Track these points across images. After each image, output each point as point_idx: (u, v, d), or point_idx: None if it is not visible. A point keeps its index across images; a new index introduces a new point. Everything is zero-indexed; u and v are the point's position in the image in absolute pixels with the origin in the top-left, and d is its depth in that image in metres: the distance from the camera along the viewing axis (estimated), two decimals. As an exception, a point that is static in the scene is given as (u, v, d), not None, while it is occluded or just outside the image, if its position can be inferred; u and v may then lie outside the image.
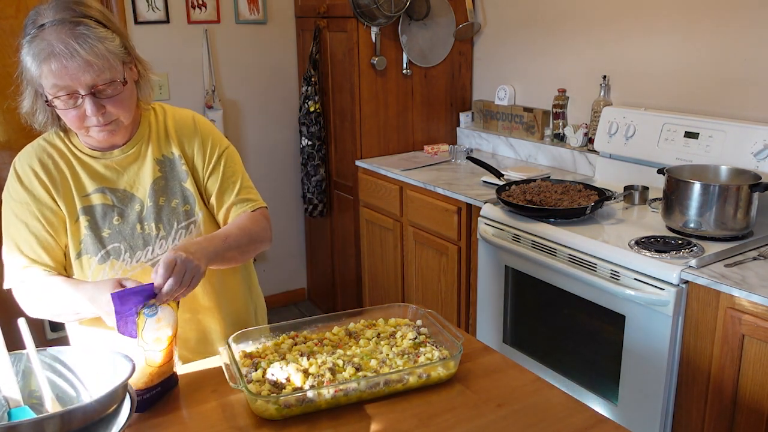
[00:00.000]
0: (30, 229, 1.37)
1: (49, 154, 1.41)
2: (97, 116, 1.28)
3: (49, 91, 1.26)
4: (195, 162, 1.47)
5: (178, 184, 1.45)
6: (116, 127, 1.34)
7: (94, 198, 1.40)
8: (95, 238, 1.40)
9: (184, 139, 1.47)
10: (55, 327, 3.31)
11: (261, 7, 3.43)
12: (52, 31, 1.22)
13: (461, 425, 1.16)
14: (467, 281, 2.68)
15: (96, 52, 1.23)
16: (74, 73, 1.22)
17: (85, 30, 1.23)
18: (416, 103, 3.32)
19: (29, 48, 1.24)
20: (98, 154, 1.41)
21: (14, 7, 2.97)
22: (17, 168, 1.41)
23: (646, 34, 2.58)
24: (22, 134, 3.19)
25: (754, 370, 1.69)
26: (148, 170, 1.43)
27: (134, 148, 1.43)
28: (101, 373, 1.10)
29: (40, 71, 1.24)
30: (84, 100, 1.26)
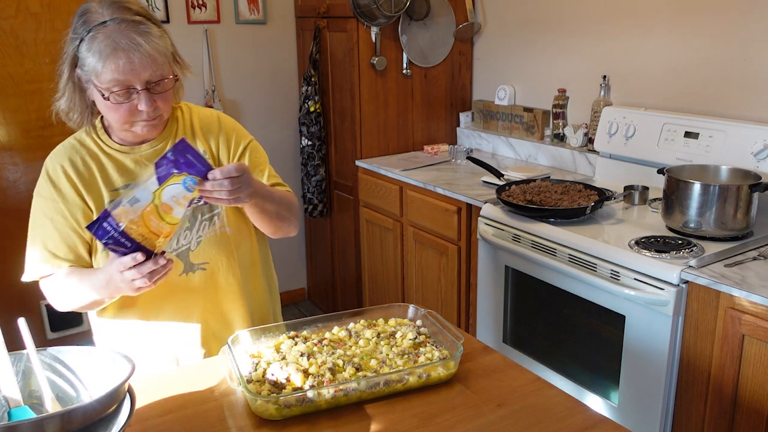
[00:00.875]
0: (55, 225, 1.41)
1: (78, 153, 1.44)
2: (149, 110, 1.33)
3: (105, 86, 1.29)
4: (220, 157, 1.52)
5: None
6: (159, 122, 1.41)
7: (122, 193, 1.44)
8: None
9: (209, 135, 1.52)
10: (55, 327, 3.31)
11: (261, 7, 3.43)
12: (115, 28, 1.28)
13: (461, 425, 1.16)
14: (467, 281, 2.68)
15: (157, 49, 1.30)
16: (136, 68, 1.28)
17: (145, 28, 1.30)
18: (416, 103, 3.32)
19: (91, 44, 1.28)
20: (127, 149, 1.45)
21: (14, 7, 2.97)
22: (48, 167, 1.44)
23: (646, 34, 2.58)
24: (24, 135, 3.21)
25: (754, 370, 1.69)
26: None
27: (162, 143, 1.47)
28: (101, 373, 1.10)
29: (104, 65, 1.27)
30: (139, 94, 1.31)
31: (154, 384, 1.31)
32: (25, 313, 1.29)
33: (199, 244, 1.47)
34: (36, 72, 3.07)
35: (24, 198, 3.16)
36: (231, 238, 1.51)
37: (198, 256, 1.47)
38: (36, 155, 3.15)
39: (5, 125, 3.06)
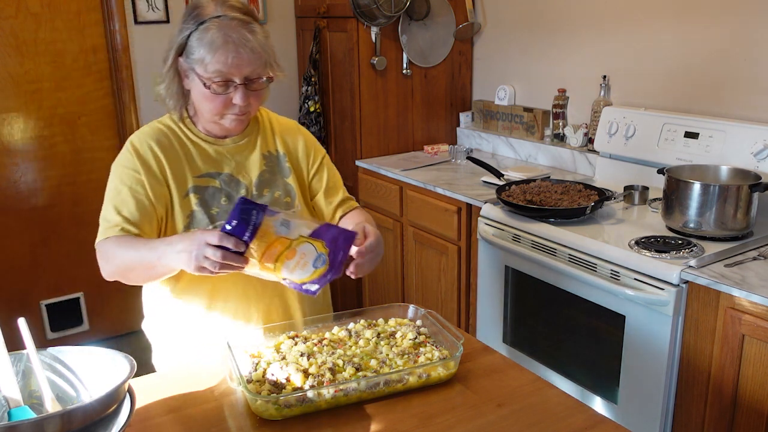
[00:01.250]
0: (133, 193, 1.43)
1: (165, 135, 1.49)
2: (242, 105, 1.40)
3: (209, 75, 1.36)
4: (300, 162, 1.59)
5: (281, 179, 1.56)
6: (247, 118, 1.48)
7: (206, 179, 1.48)
8: (205, 213, 1.46)
9: (288, 139, 1.60)
10: (55, 327, 3.31)
11: (261, 7, 3.43)
12: (228, 23, 1.36)
13: (461, 425, 1.16)
14: (467, 281, 2.68)
15: (263, 47, 1.38)
16: (241, 63, 1.36)
17: (254, 28, 1.39)
18: (416, 103, 3.32)
19: (204, 34, 1.35)
20: (212, 140, 1.51)
21: (14, 7, 2.97)
22: (134, 142, 1.47)
23: (646, 34, 2.58)
24: (23, 134, 3.20)
25: (754, 370, 1.69)
26: (255, 162, 1.54)
27: (245, 140, 1.54)
28: (101, 373, 1.10)
29: (213, 56, 1.34)
30: (237, 89, 1.38)
31: (154, 384, 1.32)
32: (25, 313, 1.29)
33: None
34: (36, 72, 3.07)
35: (24, 198, 3.16)
36: None
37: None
38: (36, 155, 3.15)
39: (5, 125, 3.06)
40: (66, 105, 3.16)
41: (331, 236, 1.28)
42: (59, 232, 3.25)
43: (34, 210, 3.19)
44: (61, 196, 3.24)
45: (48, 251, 3.24)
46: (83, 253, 3.32)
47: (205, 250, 1.21)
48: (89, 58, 3.18)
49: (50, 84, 3.11)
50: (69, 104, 3.17)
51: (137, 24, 3.16)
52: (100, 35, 3.18)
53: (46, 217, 3.22)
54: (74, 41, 3.13)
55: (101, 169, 3.32)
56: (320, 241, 1.27)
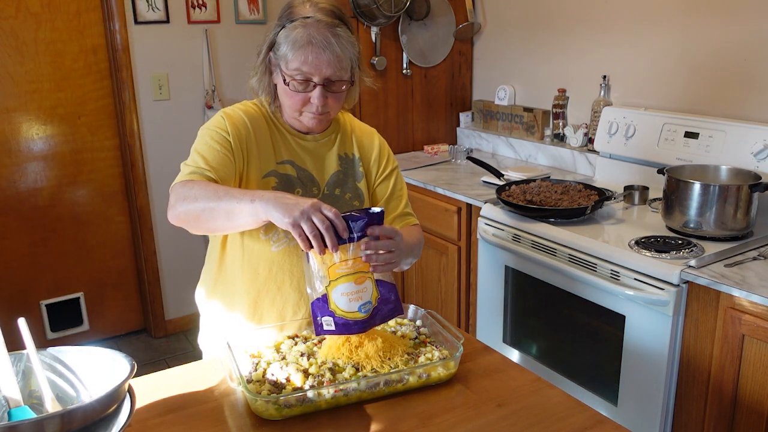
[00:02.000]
0: (222, 147, 1.43)
1: (258, 114, 1.53)
2: (319, 104, 1.42)
3: (290, 72, 1.40)
4: (371, 167, 1.62)
5: (353, 181, 1.58)
6: (325, 118, 1.49)
7: (286, 167, 1.51)
8: None
9: (365, 144, 1.62)
10: (55, 327, 3.31)
11: (261, 7, 3.43)
12: (315, 24, 1.39)
13: (461, 425, 1.16)
14: (467, 281, 2.68)
15: (344, 52, 1.40)
16: (322, 64, 1.38)
17: (340, 31, 1.41)
18: (416, 103, 3.32)
19: (290, 32, 1.40)
20: (295, 133, 1.54)
21: (14, 7, 2.97)
22: (228, 111, 1.50)
23: (646, 34, 2.58)
24: (24, 134, 3.20)
25: (754, 370, 1.69)
26: (332, 162, 1.56)
27: (326, 139, 1.57)
28: (101, 373, 1.10)
29: (294, 54, 1.39)
30: (315, 88, 1.41)
31: (154, 384, 1.32)
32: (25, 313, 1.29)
33: None
34: (36, 72, 3.07)
35: (24, 198, 3.16)
36: None
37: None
38: (36, 155, 3.16)
39: (5, 125, 3.06)
40: (66, 105, 3.16)
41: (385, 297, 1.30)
42: (59, 232, 3.25)
43: (34, 210, 3.20)
44: (61, 196, 3.24)
45: (48, 251, 3.24)
46: (83, 253, 3.33)
47: (316, 213, 1.18)
48: (89, 58, 3.18)
49: (50, 84, 3.11)
50: (69, 104, 3.17)
51: (137, 24, 3.16)
52: (100, 35, 3.18)
53: (46, 217, 3.22)
54: (74, 41, 3.13)
55: (101, 169, 3.33)
56: (378, 293, 1.29)
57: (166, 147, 3.35)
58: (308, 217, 1.18)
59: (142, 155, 3.31)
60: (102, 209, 3.33)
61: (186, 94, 3.36)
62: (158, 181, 3.37)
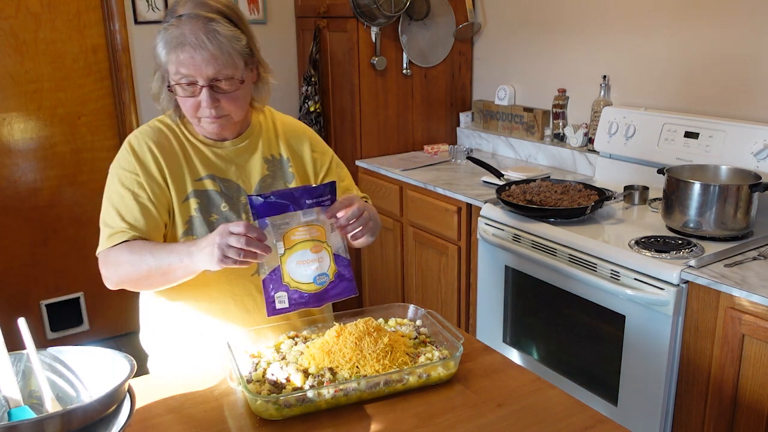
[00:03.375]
0: (135, 197, 1.39)
1: (165, 135, 1.45)
2: (210, 108, 1.35)
3: (173, 77, 1.34)
4: (306, 166, 1.54)
5: (284, 184, 1.51)
6: (226, 122, 1.41)
7: (206, 183, 1.44)
8: (203, 220, 1.43)
9: (293, 142, 1.54)
10: (55, 327, 3.31)
11: (261, 7, 3.43)
12: (188, 22, 1.31)
13: (461, 425, 1.16)
14: (467, 281, 2.68)
15: (222, 49, 1.31)
16: (198, 63, 1.30)
17: (217, 26, 1.31)
18: (416, 103, 3.32)
19: (164, 35, 1.33)
20: (210, 143, 1.47)
21: (14, 7, 2.97)
22: (132, 142, 1.44)
23: (646, 34, 2.58)
24: (23, 135, 3.20)
25: (754, 370, 1.69)
26: (256, 166, 1.49)
27: (245, 142, 1.49)
28: (101, 373, 1.10)
29: (169, 57, 1.32)
30: (202, 90, 1.33)
31: (154, 384, 1.32)
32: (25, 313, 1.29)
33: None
34: (36, 72, 3.07)
35: (24, 198, 3.16)
36: None
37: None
38: (36, 155, 3.16)
39: (5, 125, 3.06)
40: (66, 105, 3.16)
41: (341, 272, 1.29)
42: (59, 232, 3.25)
43: (34, 210, 3.19)
44: (61, 196, 3.24)
45: (48, 251, 3.24)
46: (83, 253, 3.33)
47: (229, 239, 1.20)
48: (89, 58, 3.18)
49: (50, 84, 3.11)
50: (69, 104, 3.17)
51: (137, 24, 3.16)
52: (100, 35, 3.18)
53: (46, 217, 3.22)
54: (74, 41, 3.13)
55: (101, 169, 3.31)
56: (335, 267, 1.28)
57: (166, 147, 3.35)
58: (227, 245, 1.20)
59: (142, 155, 3.30)
60: (102, 209, 3.33)
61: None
62: (158, 181, 3.36)
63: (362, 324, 1.33)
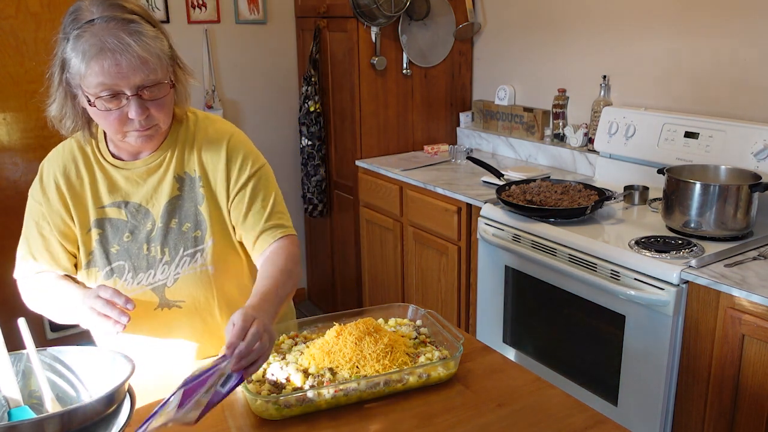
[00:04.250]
0: (39, 229, 1.38)
1: (74, 159, 1.37)
2: (140, 119, 1.22)
3: (92, 91, 1.19)
4: (217, 185, 1.37)
5: (194, 206, 1.37)
6: (155, 132, 1.29)
7: (109, 211, 1.36)
8: (103, 252, 1.37)
9: (207, 157, 1.38)
10: (55, 327, 3.31)
11: (261, 7, 3.43)
12: (103, 26, 1.16)
13: (461, 425, 1.16)
14: (467, 281, 2.68)
15: (149, 50, 1.19)
16: (125, 71, 1.17)
17: (137, 27, 1.18)
18: (416, 103, 3.32)
19: (76, 43, 1.17)
20: (121, 164, 1.36)
21: (14, 7, 2.97)
22: (43, 169, 1.40)
23: (646, 34, 2.58)
24: (24, 135, 3.19)
25: (754, 370, 1.69)
26: (166, 186, 1.36)
27: (157, 160, 1.36)
28: (101, 373, 1.10)
29: (88, 68, 1.16)
30: (129, 101, 1.20)
31: (154, 384, 1.31)
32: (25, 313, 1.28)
33: (176, 281, 1.38)
34: (36, 72, 3.06)
35: (24, 198, 3.16)
36: (212, 277, 1.39)
37: (174, 294, 1.38)
38: (36, 155, 3.15)
39: (5, 125, 3.06)
40: (66, 105, 3.16)
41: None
42: (59, 232, 3.25)
43: (34, 210, 3.19)
44: (61, 196, 3.24)
45: (48, 251, 3.24)
46: (83, 253, 3.33)
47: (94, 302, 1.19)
48: (89, 58, 3.18)
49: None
50: (69, 104, 3.17)
51: (137, 24, 3.16)
52: (100, 35, 3.18)
53: (46, 217, 3.22)
54: (74, 41, 3.13)
55: (101, 169, 3.33)
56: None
57: (166, 147, 3.35)
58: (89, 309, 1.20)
59: (142, 155, 3.31)
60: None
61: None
62: (158, 181, 3.37)
63: (362, 324, 1.33)
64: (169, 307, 1.40)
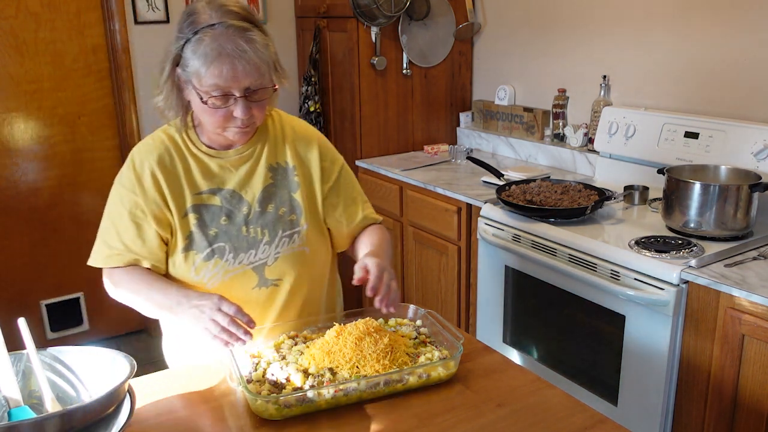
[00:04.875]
0: (132, 218, 1.41)
1: (167, 149, 1.43)
2: (244, 118, 1.32)
3: (205, 90, 1.29)
4: (312, 176, 1.50)
5: (288, 193, 1.48)
6: (252, 129, 1.41)
7: (205, 197, 1.43)
8: (202, 235, 1.42)
9: (300, 149, 1.50)
10: (55, 327, 3.31)
11: (261, 7, 3.43)
12: (222, 32, 1.27)
13: (461, 425, 1.16)
14: (467, 281, 2.68)
15: (261, 57, 1.29)
16: (239, 75, 1.27)
17: (252, 35, 1.28)
18: (416, 103, 3.32)
19: (197, 46, 1.27)
20: (214, 153, 1.44)
21: (14, 7, 2.97)
22: (135, 158, 1.43)
23: (646, 34, 2.58)
24: (23, 135, 3.20)
25: (754, 370, 1.69)
26: (260, 175, 1.46)
27: (248, 150, 1.46)
28: (101, 373, 1.10)
29: (207, 71, 1.27)
30: (237, 101, 1.30)
31: (154, 384, 1.32)
32: (25, 313, 1.29)
33: (276, 260, 1.47)
34: (36, 72, 3.07)
35: (24, 198, 3.16)
36: (308, 257, 1.51)
37: (273, 272, 1.47)
38: (36, 155, 3.15)
39: (5, 125, 3.06)
40: (66, 105, 3.16)
41: None
42: (59, 232, 3.25)
43: (34, 210, 3.19)
44: (61, 196, 3.24)
45: (48, 251, 3.24)
46: (83, 253, 3.30)
47: (216, 314, 1.25)
48: (89, 58, 3.18)
49: (50, 84, 3.11)
50: (69, 104, 3.17)
51: (137, 24, 3.16)
52: (100, 35, 3.18)
53: (46, 217, 3.22)
54: (74, 41, 3.13)
55: (101, 169, 3.33)
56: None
57: (166, 147, 3.35)
58: (210, 321, 1.25)
59: (142, 155, 3.30)
60: (102, 209, 3.32)
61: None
62: (158, 181, 3.37)
63: (362, 324, 1.33)
64: (267, 286, 1.47)
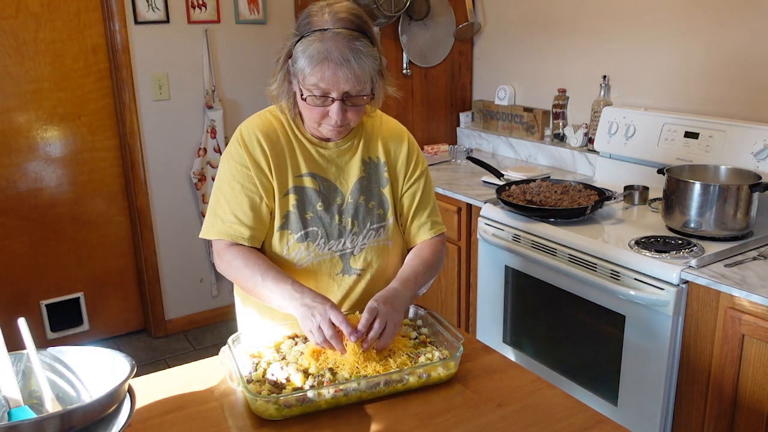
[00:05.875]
0: (245, 191, 1.45)
1: (274, 128, 1.49)
2: (338, 119, 1.38)
3: (306, 87, 1.36)
4: (398, 172, 1.56)
5: (378, 188, 1.54)
6: (346, 130, 1.47)
7: (306, 180, 1.48)
8: (299, 216, 1.47)
9: (391, 147, 1.56)
10: (55, 327, 3.31)
11: (261, 7, 3.43)
12: (332, 37, 1.33)
13: (461, 425, 1.16)
14: (467, 281, 2.68)
15: (363, 68, 1.35)
16: (339, 81, 1.33)
17: (359, 46, 1.34)
18: (416, 103, 3.32)
19: (306, 47, 1.34)
20: (316, 142, 1.50)
21: (14, 7, 2.97)
22: (243, 133, 1.48)
23: (646, 35, 2.58)
24: (24, 135, 3.19)
25: (754, 370, 1.69)
26: (355, 168, 1.52)
27: (347, 144, 1.52)
28: (101, 373, 1.10)
29: (311, 71, 1.34)
30: (334, 103, 1.37)
31: (154, 384, 1.32)
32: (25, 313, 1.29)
33: (361, 251, 1.51)
34: (36, 72, 3.07)
35: (24, 198, 3.16)
36: (390, 251, 1.55)
37: (357, 262, 1.52)
38: (36, 155, 3.15)
39: (5, 125, 3.06)
40: (66, 105, 3.16)
41: None
42: (59, 232, 3.25)
43: (34, 210, 3.19)
44: (61, 196, 3.24)
45: (48, 251, 3.24)
46: (83, 253, 3.33)
47: (322, 322, 1.27)
48: (89, 58, 3.18)
49: (50, 84, 3.11)
50: (69, 104, 3.17)
51: (137, 24, 3.16)
52: (100, 35, 3.18)
53: (46, 217, 3.22)
54: (74, 41, 3.13)
55: (101, 169, 3.33)
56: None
57: (166, 147, 3.35)
58: (316, 327, 1.27)
59: (142, 155, 3.30)
60: (102, 209, 3.33)
61: (186, 94, 3.35)
62: (158, 181, 3.37)
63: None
64: (349, 274, 1.52)
